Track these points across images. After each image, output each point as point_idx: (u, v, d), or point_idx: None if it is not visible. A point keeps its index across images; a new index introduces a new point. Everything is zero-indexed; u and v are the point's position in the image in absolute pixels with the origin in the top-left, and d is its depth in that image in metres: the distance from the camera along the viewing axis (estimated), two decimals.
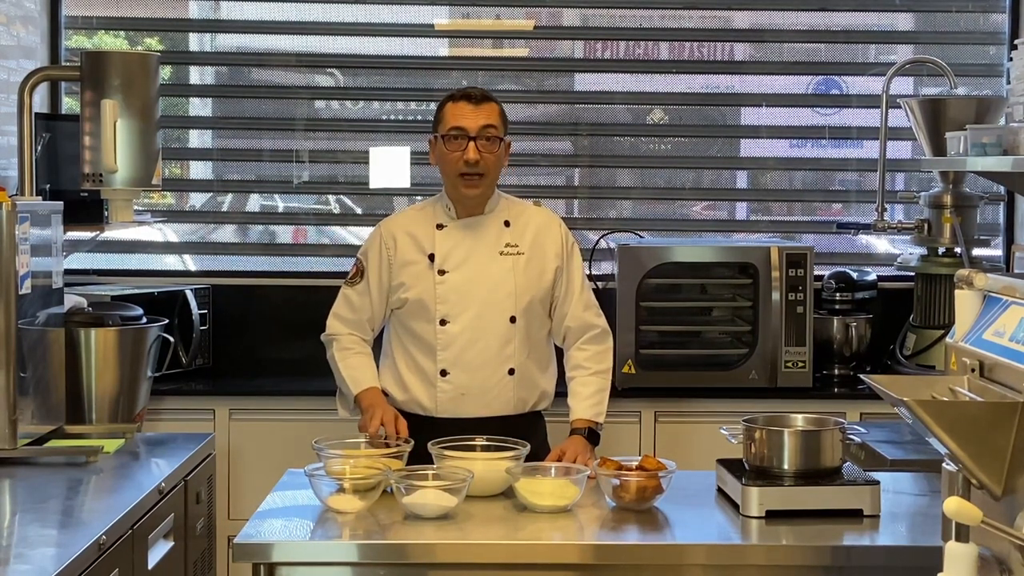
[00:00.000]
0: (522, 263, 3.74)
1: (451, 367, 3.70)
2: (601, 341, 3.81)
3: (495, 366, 3.71)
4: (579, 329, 3.80)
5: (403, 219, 3.85)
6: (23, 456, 3.46)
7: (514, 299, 3.72)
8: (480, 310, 3.70)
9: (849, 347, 5.02)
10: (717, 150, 5.53)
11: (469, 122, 3.65)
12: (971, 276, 2.50)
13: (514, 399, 3.74)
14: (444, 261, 3.72)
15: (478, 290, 3.71)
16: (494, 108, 3.70)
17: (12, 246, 3.42)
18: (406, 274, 3.74)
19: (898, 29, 5.56)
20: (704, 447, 4.26)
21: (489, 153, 3.66)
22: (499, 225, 3.77)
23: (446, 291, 3.70)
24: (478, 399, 3.70)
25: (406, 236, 3.77)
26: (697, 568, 2.94)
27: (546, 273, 3.76)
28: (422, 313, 3.72)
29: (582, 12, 5.51)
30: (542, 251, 3.77)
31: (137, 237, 5.39)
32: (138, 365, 4.14)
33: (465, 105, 3.67)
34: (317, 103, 5.51)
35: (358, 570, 2.94)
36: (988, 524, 2.09)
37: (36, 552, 2.70)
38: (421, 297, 3.71)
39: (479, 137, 3.65)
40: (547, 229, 3.80)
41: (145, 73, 3.77)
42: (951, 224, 4.93)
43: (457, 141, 3.66)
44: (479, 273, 3.72)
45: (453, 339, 3.70)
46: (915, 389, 2.45)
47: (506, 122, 3.75)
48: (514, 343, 3.72)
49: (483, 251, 3.74)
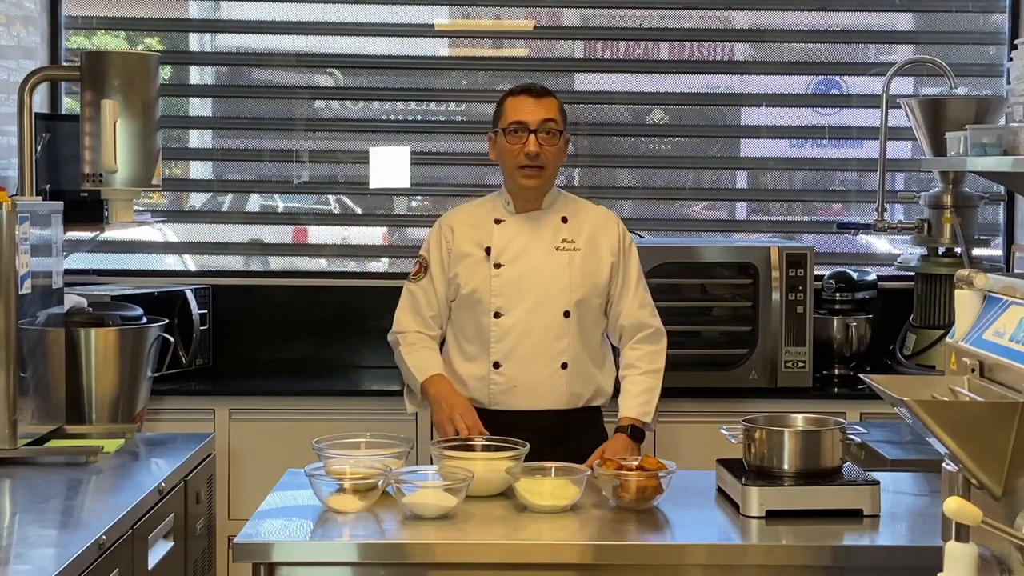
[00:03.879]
0: (578, 259, 3.77)
1: (504, 359, 3.73)
2: (655, 341, 3.84)
3: (547, 359, 3.74)
4: (633, 328, 3.82)
5: (462, 213, 3.90)
6: (23, 456, 3.46)
7: (568, 294, 3.74)
8: (534, 304, 3.73)
9: (849, 347, 5.02)
10: (717, 150, 5.53)
11: (530, 116, 3.69)
12: (971, 276, 2.50)
13: (567, 393, 3.76)
14: (500, 255, 3.76)
15: (533, 284, 3.74)
16: (554, 103, 3.74)
17: (12, 246, 3.42)
18: (462, 266, 3.77)
19: (898, 29, 5.56)
20: (704, 447, 4.26)
21: (549, 146, 3.71)
22: (556, 221, 3.80)
23: (501, 284, 3.74)
24: (530, 392, 3.74)
25: (464, 229, 3.81)
26: (697, 568, 2.93)
27: (601, 270, 3.79)
28: (476, 305, 3.75)
29: (582, 12, 5.51)
30: (598, 248, 3.79)
31: (137, 237, 5.39)
32: (138, 365, 4.14)
33: (526, 99, 3.72)
34: (317, 103, 5.51)
35: (358, 570, 2.94)
36: (988, 524, 2.09)
37: (36, 552, 2.69)
38: (476, 289, 3.75)
39: (539, 130, 3.68)
40: (604, 227, 3.83)
41: (145, 73, 3.77)
42: (951, 224, 4.93)
43: (518, 135, 3.70)
44: (534, 267, 3.75)
45: (507, 331, 3.73)
46: (915, 389, 2.45)
47: (565, 117, 3.79)
48: (567, 338, 3.74)
49: (539, 246, 3.77)
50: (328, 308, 5.30)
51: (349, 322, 5.27)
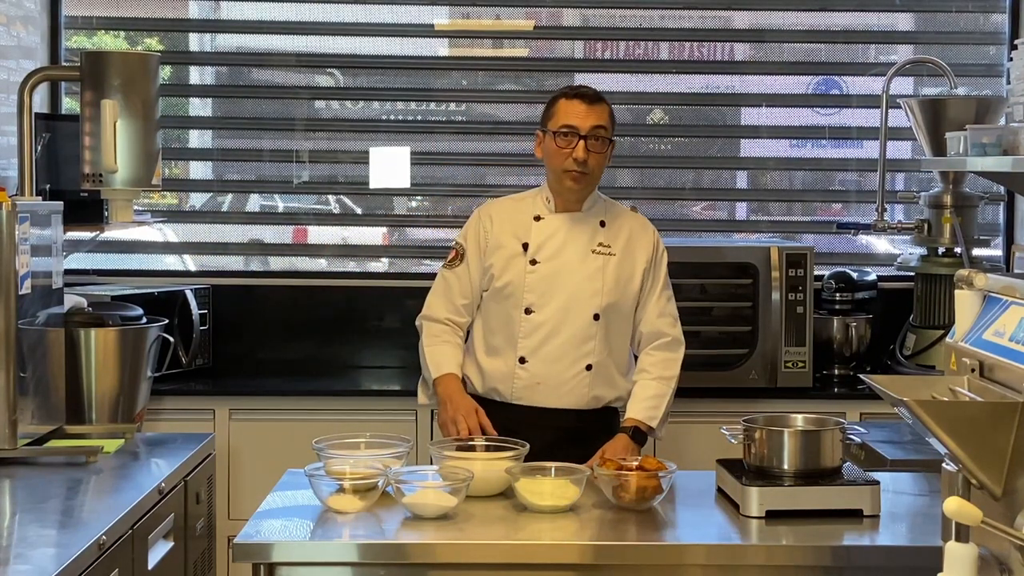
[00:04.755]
0: (612, 264, 3.78)
1: (530, 355, 3.74)
2: (671, 349, 3.84)
3: (573, 360, 3.74)
4: (651, 335, 3.82)
5: (503, 205, 3.90)
6: (23, 456, 3.46)
7: (600, 297, 3.75)
8: (565, 303, 3.74)
9: (849, 347, 5.02)
10: (717, 150, 5.53)
11: (581, 121, 3.69)
12: (971, 276, 2.50)
13: (588, 395, 3.77)
14: (537, 252, 3.77)
15: (566, 284, 3.75)
16: (605, 109, 3.74)
17: (12, 246, 3.42)
18: (497, 257, 3.78)
19: (898, 29, 5.56)
20: (704, 447, 4.26)
21: (598, 152, 3.71)
22: (595, 224, 3.81)
23: (535, 281, 3.75)
24: (553, 390, 3.75)
25: (503, 221, 3.82)
26: (697, 568, 2.93)
27: (635, 278, 3.80)
28: (509, 299, 3.77)
29: (582, 12, 5.51)
30: (633, 255, 3.80)
31: (137, 237, 5.39)
32: (138, 365, 4.14)
33: (579, 104, 3.71)
34: (317, 103, 5.51)
35: (358, 570, 2.94)
36: (988, 524, 2.09)
37: (36, 552, 2.69)
38: (510, 283, 3.76)
39: (589, 136, 3.68)
40: (641, 235, 3.84)
41: (145, 73, 3.77)
42: (951, 224, 4.93)
43: (567, 138, 3.69)
44: (569, 267, 3.76)
45: (536, 328, 3.74)
46: (915, 389, 2.45)
47: (614, 124, 3.78)
48: (595, 340, 3.75)
49: (576, 247, 3.77)
50: (328, 308, 5.30)
51: (349, 322, 5.27)
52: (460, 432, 3.59)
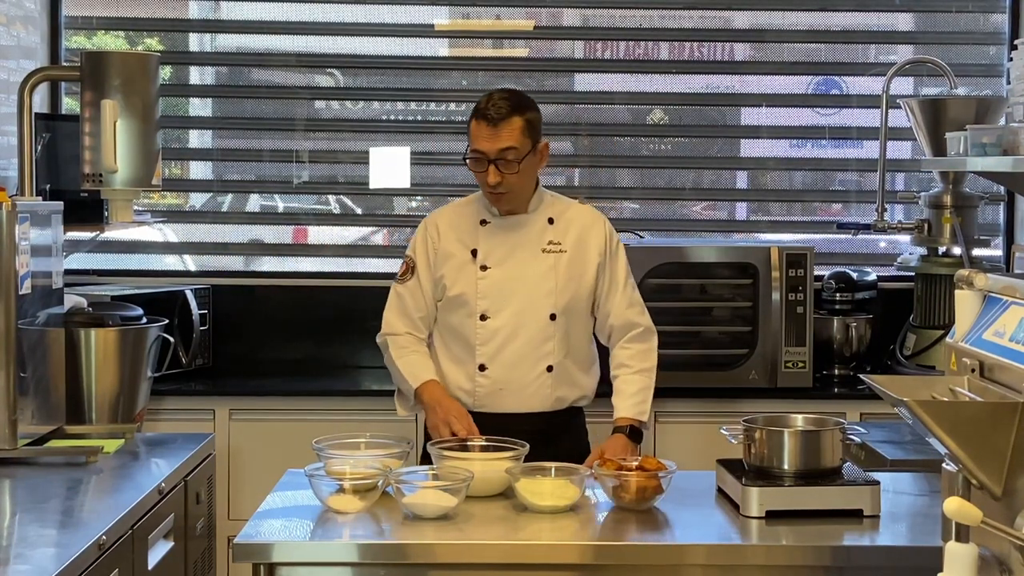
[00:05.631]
0: (564, 261, 3.75)
1: (490, 362, 3.71)
2: (645, 339, 3.82)
3: (533, 362, 3.72)
4: (623, 327, 3.80)
5: (447, 213, 3.86)
6: (23, 456, 3.46)
7: (555, 297, 3.72)
8: (520, 307, 3.71)
9: (849, 347, 5.02)
10: (717, 150, 5.53)
11: (487, 145, 3.61)
12: (971, 276, 2.49)
13: (552, 396, 3.75)
14: (486, 257, 3.73)
15: (519, 287, 3.72)
16: (515, 126, 3.60)
17: (12, 246, 3.42)
18: (447, 267, 3.74)
19: (898, 29, 5.56)
20: (704, 447, 4.26)
21: (510, 173, 3.63)
22: (542, 222, 3.77)
23: (487, 286, 3.72)
24: (516, 395, 3.72)
25: (450, 229, 3.78)
26: (697, 568, 2.93)
27: (588, 271, 3.76)
28: (463, 307, 3.73)
29: (582, 12, 5.51)
30: (585, 249, 3.77)
31: (137, 237, 5.39)
32: (138, 365, 4.14)
33: (484, 127, 3.61)
34: (317, 103, 5.51)
35: (358, 570, 2.94)
36: (988, 524, 2.09)
37: (36, 552, 2.69)
38: (462, 291, 3.72)
39: (497, 159, 3.61)
40: (591, 227, 3.80)
41: (145, 73, 3.76)
42: (951, 224, 4.93)
43: (478, 162, 3.65)
44: (521, 270, 3.73)
45: (493, 334, 3.71)
46: (915, 389, 2.44)
47: (533, 131, 3.65)
48: (553, 341, 3.72)
49: (525, 248, 3.74)
50: (328, 308, 5.30)
51: (349, 322, 5.27)
52: (457, 432, 3.56)
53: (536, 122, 3.68)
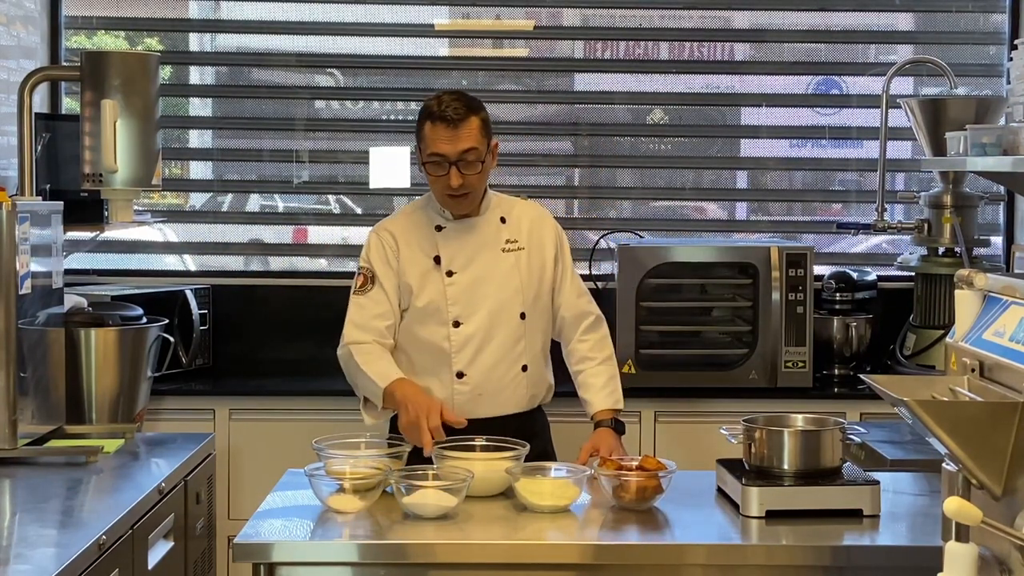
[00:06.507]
0: (524, 258, 3.74)
1: (467, 368, 3.68)
2: (598, 328, 3.83)
3: (509, 364, 3.70)
4: (575, 318, 3.79)
5: (399, 222, 3.79)
6: (23, 456, 3.46)
7: (522, 295, 3.71)
8: (491, 309, 3.68)
9: (849, 347, 5.02)
10: (717, 150, 5.53)
11: (448, 147, 3.55)
12: (971, 276, 2.50)
13: (527, 396, 3.74)
14: (451, 262, 3.69)
15: (487, 289, 3.69)
16: (473, 126, 3.56)
17: (12, 246, 3.42)
18: (412, 276, 3.68)
19: (898, 29, 5.56)
20: (704, 447, 4.26)
21: (473, 173, 3.59)
22: (496, 222, 3.75)
23: (456, 292, 3.67)
24: (493, 398, 3.69)
25: (406, 237, 3.72)
26: (697, 568, 2.94)
27: (547, 266, 3.77)
28: (432, 316, 3.68)
29: (582, 12, 5.51)
30: (540, 244, 3.77)
31: (137, 237, 5.38)
32: (138, 365, 4.14)
33: (443, 129, 3.54)
34: (317, 103, 5.51)
35: (358, 570, 2.94)
36: (988, 524, 2.09)
37: (36, 552, 2.69)
38: (431, 300, 3.67)
39: (459, 161, 3.57)
40: (541, 222, 3.81)
41: (145, 73, 3.77)
42: (951, 224, 4.93)
43: (438, 166, 3.59)
44: (486, 272, 3.70)
45: (467, 340, 3.67)
46: (915, 389, 2.45)
47: (488, 130, 3.62)
48: (525, 339, 3.71)
49: (486, 250, 3.71)
50: (328, 308, 5.25)
51: None
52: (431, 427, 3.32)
53: (488, 121, 3.65)
